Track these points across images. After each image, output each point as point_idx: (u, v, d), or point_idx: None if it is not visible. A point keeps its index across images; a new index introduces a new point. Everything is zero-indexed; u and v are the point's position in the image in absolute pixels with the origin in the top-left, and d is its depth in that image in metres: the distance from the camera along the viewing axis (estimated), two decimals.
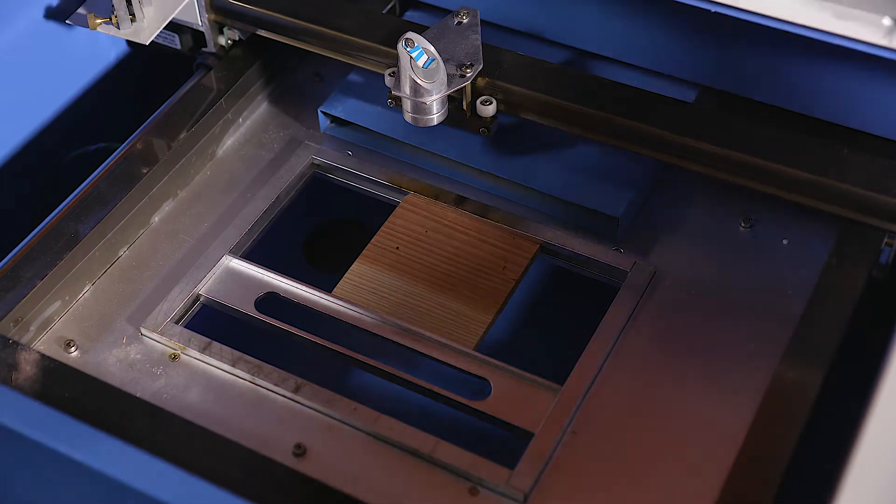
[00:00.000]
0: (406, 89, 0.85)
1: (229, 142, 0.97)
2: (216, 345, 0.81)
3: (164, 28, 0.97)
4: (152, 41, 0.96)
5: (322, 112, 0.96)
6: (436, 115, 0.86)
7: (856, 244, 0.81)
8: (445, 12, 0.91)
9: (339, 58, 0.95)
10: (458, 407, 0.78)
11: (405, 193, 0.92)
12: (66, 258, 0.84)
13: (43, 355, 0.78)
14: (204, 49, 1.02)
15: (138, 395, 0.78)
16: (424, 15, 1.03)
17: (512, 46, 0.92)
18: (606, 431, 0.76)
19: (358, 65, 0.95)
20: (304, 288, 0.85)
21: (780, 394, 0.73)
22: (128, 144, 0.94)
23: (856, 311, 0.77)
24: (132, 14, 0.95)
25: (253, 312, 0.84)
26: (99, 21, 0.95)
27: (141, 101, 1.04)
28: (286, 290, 0.85)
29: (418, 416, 0.79)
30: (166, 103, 0.99)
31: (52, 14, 1.01)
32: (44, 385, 0.76)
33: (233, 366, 0.80)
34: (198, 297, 0.85)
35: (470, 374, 0.80)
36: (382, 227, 0.90)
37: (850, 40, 0.80)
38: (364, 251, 0.88)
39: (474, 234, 0.89)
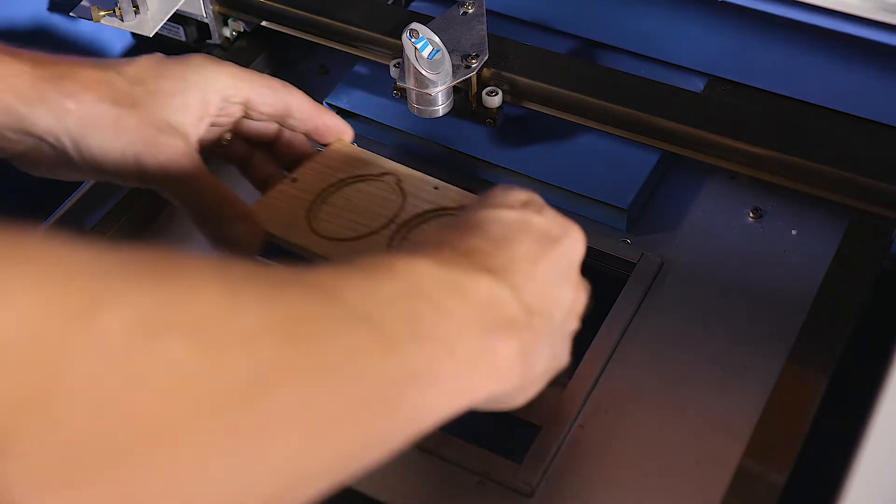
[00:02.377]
0: (411, 80, 0.84)
1: None
2: None
3: (168, 20, 0.97)
4: (156, 33, 0.96)
5: (327, 104, 0.96)
6: (441, 107, 0.86)
7: (866, 234, 0.80)
8: (451, 3, 0.91)
9: (344, 49, 0.95)
10: None
11: None
12: None
13: None
14: (209, 41, 1.01)
15: None
16: (430, 5, 1.03)
17: (518, 37, 0.91)
18: (614, 425, 0.75)
19: (363, 56, 0.94)
20: None
21: (789, 385, 0.73)
22: None
23: (866, 301, 0.77)
24: (136, 6, 0.94)
25: None
26: (102, 13, 0.95)
27: None
28: None
29: None
30: None
31: (55, 6, 1.01)
32: None
33: None
34: None
35: None
36: None
37: (858, 27, 0.79)
38: None
39: None
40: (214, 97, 0.74)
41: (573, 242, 0.64)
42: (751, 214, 0.87)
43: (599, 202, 0.87)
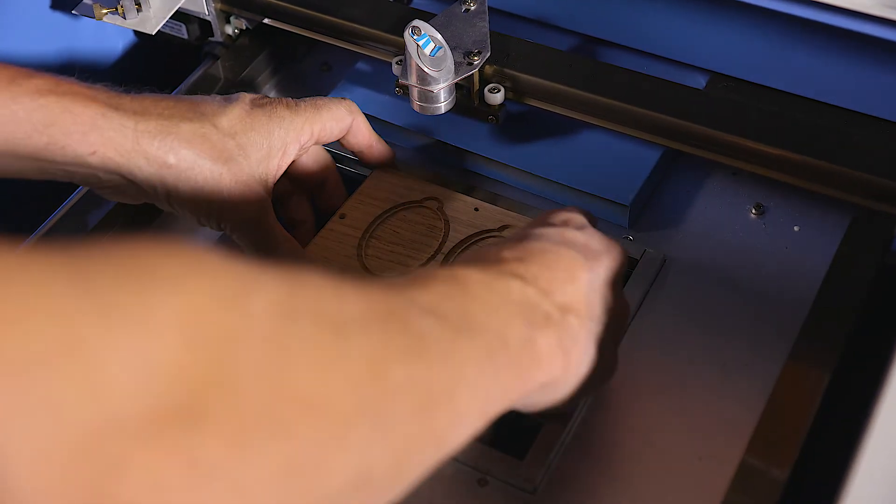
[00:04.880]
0: (413, 78, 0.84)
1: None
2: None
3: (170, 18, 0.97)
4: (159, 31, 0.96)
5: None
6: (443, 104, 0.86)
7: (868, 231, 0.80)
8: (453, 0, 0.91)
9: (346, 46, 0.95)
10: None
11: None
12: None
13: None
14: (211, 38, 1.01)
15: None
16: (432, 3, 1.03)
17: (520, 33, 0.91)
18: (616, 421, 0.75)
19: (366, 54, 0.94)
20: None
21: (791, 382, 0.73)
22: None
23: (868, 298, 0.77)
24: (138, 4, 0.95)
25: None
26: (105, 11, 0.95)
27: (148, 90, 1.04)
28: None
29: None
30: (174, 93, 0.99)
31: (57, 4, 1.01)
32: None
33: None
34: None
35: None
36: None
37: (861, 23, 0.79)
38: None
39: None
40: (293, 147, 0.81)
41: (613, 259, 0.67)
42: (753, 211, 0.87)
43: (602, 199, 0.87)
